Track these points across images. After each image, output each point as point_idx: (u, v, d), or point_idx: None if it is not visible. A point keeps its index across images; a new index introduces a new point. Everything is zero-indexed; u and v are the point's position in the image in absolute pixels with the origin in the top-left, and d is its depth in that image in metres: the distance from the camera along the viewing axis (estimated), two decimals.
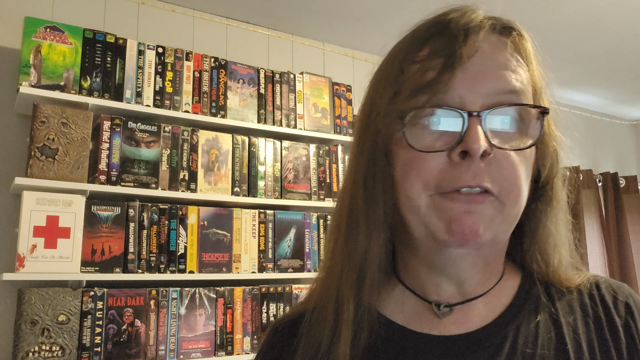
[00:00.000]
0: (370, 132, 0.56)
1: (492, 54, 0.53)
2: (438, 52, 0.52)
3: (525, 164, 0.53)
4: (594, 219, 3.61)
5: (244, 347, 2.16)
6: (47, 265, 1.82)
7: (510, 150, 0.51)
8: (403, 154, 0.53)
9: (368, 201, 0.55)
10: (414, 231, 0.54)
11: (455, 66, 0.51)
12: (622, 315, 0.56)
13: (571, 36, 2.89)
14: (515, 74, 0.53)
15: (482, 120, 0.50)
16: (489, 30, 0.54)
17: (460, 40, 0.52)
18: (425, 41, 0.54)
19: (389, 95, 0.54)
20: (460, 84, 0.51)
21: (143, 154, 2.08)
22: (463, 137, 0.50)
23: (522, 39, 0.56)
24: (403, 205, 0.53)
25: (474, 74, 0.51)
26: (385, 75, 0.56)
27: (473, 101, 0.51)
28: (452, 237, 0.50)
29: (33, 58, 1.94)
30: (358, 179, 0.56)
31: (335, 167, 2.54)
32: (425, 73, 0.52)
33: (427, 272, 0.57)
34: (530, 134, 0.53)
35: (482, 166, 0.50)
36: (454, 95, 0.51)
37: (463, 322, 0.56)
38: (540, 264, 0.59)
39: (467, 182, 0.50)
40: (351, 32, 2.83)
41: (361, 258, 0.56)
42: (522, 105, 0.52)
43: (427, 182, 0.51)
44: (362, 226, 0.56)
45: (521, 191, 0.52)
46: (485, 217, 0.51)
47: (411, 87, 0.52)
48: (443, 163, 0.51)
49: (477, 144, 0.49)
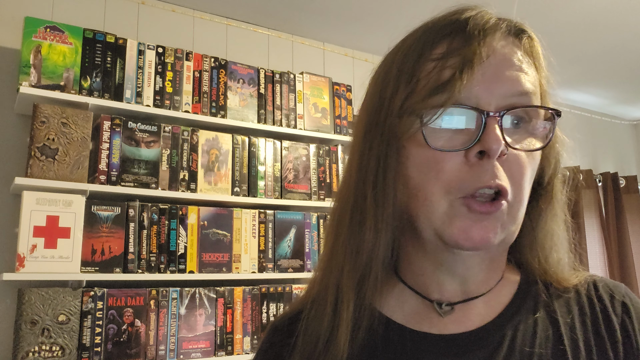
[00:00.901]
0: (380, 130, 0.55)
1: (507, 56, 0.53)
2: (456, 51, 0.52)
3: (532, 165, 0.54)
4: (594, 219, 3.61)
5: (244, 347, 2.16)
6: (47, 265, 1.82)
7: (524, 151, 0.52)
8: (418, 152, 0.53)
9: (377, 199, 0.55)
10: (422, 231, 0.54)
11: (474, 66, 0.51)
12: (618, 314, 0.56)
13: (571, 36, 2.89)
14: (527, 76, 0.53)
15: (500, 120, 0.51)
16: (505, 32, 0.54)
17: (479, 40, 0.52)
18: (442, 39, 0.54)
19: (404, 93, 0.54)
20: (477, 84, 0.51)
21: (143, 154, 2.08)
22: (481, 137, 0.50)
23: (532, 41, 0.56)
24: (420, 206, 0.53)
25: (491, 75, 0.52)
26: (397, 73, 0.55)
27: (488, 102, 0.51)
28: (464, 242, 0.51)
29: (33, 58, 1.94)
30: (366, 177, 0.56)
31: (335, 167, 2.54)
32: (443, 71, 0.52)
33: (433, 270, 0.57)
34: (541, 135, 0.54)
35: (499, 166, 0.51)
36: (470, 95, 0.51)
37: (462, 321, 0.56)
38: (539, 263, 0.60)
39: (487, 182, 0.50)
40: (351, 32, 2.83)
41: (367, 256, 0.55)
42: (538, 107, 0.53)
43: (447, 185, 0.51)
44: (370, 224, 0.55)
45: (526, 191, 0.53)
46: (498, 224, 0.51)
47: (429, 86, 0.52)
48: (460, 164, 0.51)
49: (497, 144, 0.50)
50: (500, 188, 0.50)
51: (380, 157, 0.55)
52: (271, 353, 0.63)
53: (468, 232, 0.51)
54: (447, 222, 0.52)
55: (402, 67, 0.55)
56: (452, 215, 0.51)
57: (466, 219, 0.51)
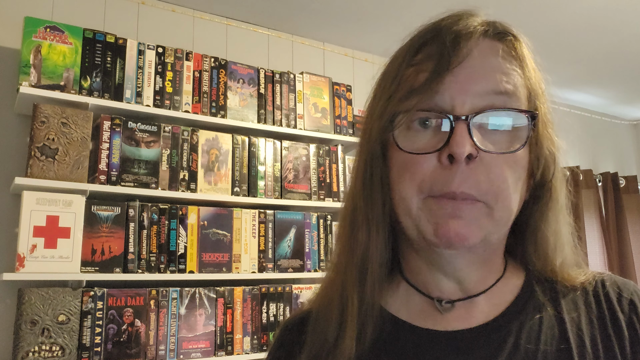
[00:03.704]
0: (368, 134, 0.58)
1: (483, 58, 0.54)
2: (430, 57, 0.54)
3: (514, 167, 0.53)
4: (594, 219, 3.61)
5: (244, 347, 2.16)
6: (47, 265, 1.82)
7: (496, 153, 0.52)
8: (397, 156, 0.55)
9: (367, 201, 0.57)
10: (407, 231, 0.56)
11: (444, 69, 0.52)
12: (625, 312, 0.56)
13: (571, 36, 2.89)
14: (506, 77, 0.54)
15: (469, 123, 0.51)
16: (480, 36, 0.55)
17: (452, 45, 0.53)
18: (421, 46, 0.56)
19: (385, 98, 0.56)
20: (450, 86, 0.52)
21: (143, 154, 2.08)
22: (449, 141, 0.51)
23: (517, 43, 0.57)
24: (397, 206, 0.55)
25: (464, 77, 0.53)
26: (385, 79, 0.58)
27: (462, 103, 0.52)
28: (439, 240, 0.52)
29: (33, 58, 1.94)
30: (358, 180, 0.59)
31: (335, 167, 2.54)
32: (418, 76, 0.54)
33: (428, 269, 0.58)
34: (519, 137, 0.54)
35: (468, 171, 0.51)
36: (444, 97, 0.52)
37: (466, 318, 0.57)
38: (542, 262, 0.60)
39: (453, 188, 0.51)
40: (351, 32, 2.83)
41: (362, 255, 0.57)
42: (507, 109, 0.53)
43: (420, 185, 0.53)
44: (361, 225, 0.58)
45: (510, 194, 0.53)
46: (472, 221, 0.52)
47: (404, 91, 0.54)
48: (434, 166, 0.52)
49: (461, 149, 0.50)
50: (465, 197, 0.51)
51: (367, 161, 0.58)
52: (282, 352, 0.65)
53: (439, 229, 0.52)
54: (423, 218, 0.53)
55: (388, 73, 0.58)
56: (425, 211, 0.53)
57: (437, 215, 0.52)
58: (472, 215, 0.52)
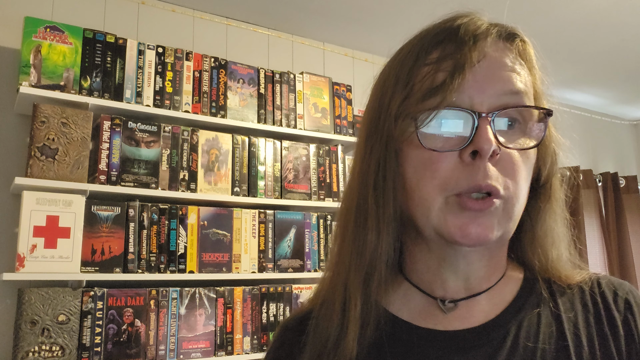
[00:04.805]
0: (379, 134, 0.58)
1: (499, 58, 0.55)
2: (449, 56, 0.55)
3: (526, 164, 0.55)
4: (594, 219, 3.61)
5: (244, 347, 2.16)
6: (47, 265, 1.82)
7: (515, 149, 0.54)
8: (415, 154, 0.55)
9: (378, 201, 0.57)
10: (423, 229, 0.56)
11: (466, 69, 0.53)
12: (621, 310, 0.57)
13: (571, 36, 2.89)
14: (519, 76, 0.55)
15: (491, 121, 0.53)
16: (495, 37, 0.57)
17: (470, 45, 0.54)
18: (436, 46, 0.56)
19: (400, 98, 0.56)
20: (470, 85, 0.53)
21: (143, 154, 2.08)
22: (473, 138, 0.52)
23: (525, 44, 0.59)
24: (416, 206, 0.56)
25: (482, 77, 0.54)
26: (394, 79, 0.58)
27: (481, 102, 0.53)
28: (464, 238, 0.53)
29: (33, 58, 1.94)
30: (367, 180, 0.58)
31: (335, 167, 2.54)
32: (436, 75, 0.54)
33: (437, 267, 0.59)
34: (534, 134, 0.56)
35: (491, 166, 0.52)
36: (464, 97, 0.53)
37: (467, 318, 0.58)
38: (540, 260, 0.61)
39: (478, 181, 0.52)
40: (351, 32, 2.83)
41: (370, 256, 0.57)
42: (527, 107, 0.55)
43: (442, 184, 0.53)
44: (371, 225, 0.57)
45: (522, 189, 0.55)
46: (494, 221, 0.53)
47: (423, 89, 0.54)
48: (455, 163, 0.53)
49: (488, 145, 0.51)
50: (491, 189, 0.52)
51: (379, 160, 0.57)
52: (282, 352, 0.65)
53: (465, 229, 0.53)
54: (443, 219, 0.54)
55: (399, 73, 0.58)
56: (447, 212, 0.53)
57: (461, 216, 0.53)
58: (494, 214, 0.53)
